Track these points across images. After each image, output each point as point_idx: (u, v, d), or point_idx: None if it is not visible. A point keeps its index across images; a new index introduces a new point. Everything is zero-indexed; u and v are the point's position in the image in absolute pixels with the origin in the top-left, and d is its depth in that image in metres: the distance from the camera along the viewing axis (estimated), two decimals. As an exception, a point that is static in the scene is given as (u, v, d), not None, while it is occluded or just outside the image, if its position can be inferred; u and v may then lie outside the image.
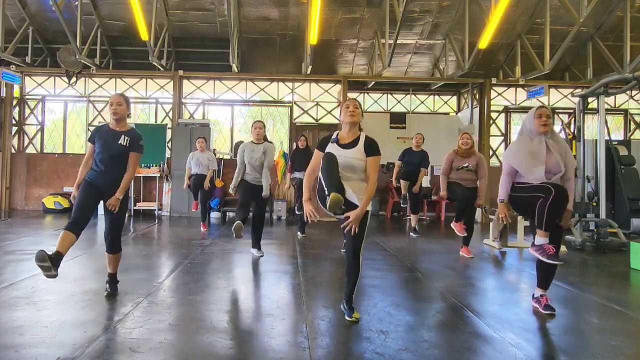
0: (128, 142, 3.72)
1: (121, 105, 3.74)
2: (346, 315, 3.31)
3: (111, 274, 3.87)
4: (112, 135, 3.72)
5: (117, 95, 3.80)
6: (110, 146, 3.68)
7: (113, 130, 3.75)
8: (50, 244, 6.15)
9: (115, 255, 3.84)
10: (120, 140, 3.70)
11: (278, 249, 6.60)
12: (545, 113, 3.47)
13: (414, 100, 12.11)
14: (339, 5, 9.39)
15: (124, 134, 3.74)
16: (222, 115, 12.13)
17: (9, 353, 2.59)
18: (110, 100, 3.76)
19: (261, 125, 5.62)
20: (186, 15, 9.91)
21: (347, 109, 3.34)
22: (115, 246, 3.80)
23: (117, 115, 3.72)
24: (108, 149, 3.67)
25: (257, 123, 5.65)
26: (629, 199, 8.28)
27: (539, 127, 3.43)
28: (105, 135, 3.74)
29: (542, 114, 3.45)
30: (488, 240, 6.92)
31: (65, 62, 10.32)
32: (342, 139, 3.35)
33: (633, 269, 5.35)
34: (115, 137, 3.71)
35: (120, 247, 3.85)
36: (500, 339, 3.02)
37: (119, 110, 3.72)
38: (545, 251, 3.37)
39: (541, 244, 3.41)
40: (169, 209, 10.44)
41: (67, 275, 3.72)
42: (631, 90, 9.24)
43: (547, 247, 3.38)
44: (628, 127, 11.91)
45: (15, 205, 11.03)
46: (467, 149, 5.87)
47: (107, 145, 3.68)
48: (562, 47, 8.72)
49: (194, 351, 2.72)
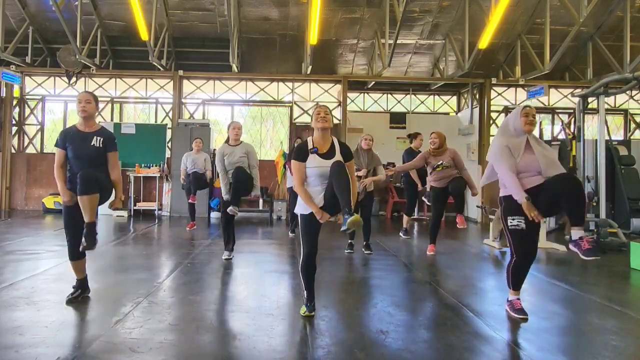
0: (101, 142, 3.54)
1: (90, 103, 3.58)
2: (347, 218, 3.00)
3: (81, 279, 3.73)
4: (82, 137, 3.54)
5: (85, 93, 3.66)
6: (82, 149, 3.50)
7: (82, 132, 3.57)
8: (51, 244, 6.17)
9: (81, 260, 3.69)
10: (92, 141, 3.53)
11: (278, 249, 6.61)
12: (532, 112, 3.47)
13: (414, 100, 12.10)
14: (339, 5, 9.39)
15: (95, 134, 3.56)
16: (222, 115, 12.14)
17: (9, 353, 2.59)
18: (79, 98, 3.59)
19: (240, 125, 5.48)
20: (186, 15, 9.90)
21: (319, 115, 3.33)
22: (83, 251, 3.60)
23: (85, 113, 3.54)
24: (81, 153, 3.50)
25: (235, 123, 5.47)
26: (629, 199, 8.29)
27: (524, 125, 3.41)
28: (74, 138, 3.55)
29: (528, 113, 3.44)
30: (488, 240, 6.92)
31: (65, 62, 10.32)
32: (320, 148, 3.32)
33: (633, 269, 5.35)
34: (87, 139, 3.53)
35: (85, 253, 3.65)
36: (500, 339, 3.02)
37: (87, 107, 3.55)
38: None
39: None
40: (169, 209, 10.44)
41: (67, 275, 3.72)
42: (631, 90, 9.24)
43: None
44: (628, 127, 11.90)
45: (15, 205, 11.02)
46: (435, 148, 5.85)
47: (79, 148, 3.51)
48: (562, 47, 8.72)
49: (194, 351, 2.72)
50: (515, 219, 3.34)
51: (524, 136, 3.45)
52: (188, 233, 7.69)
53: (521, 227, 3.33)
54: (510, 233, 3.40)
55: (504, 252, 6.34)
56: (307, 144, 3.36)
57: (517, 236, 3.37)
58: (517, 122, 3.47)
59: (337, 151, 3.34)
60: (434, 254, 5.98)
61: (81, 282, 3.69)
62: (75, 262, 3.64)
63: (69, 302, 3.53)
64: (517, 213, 3.32)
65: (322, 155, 3.31)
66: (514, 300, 3.51)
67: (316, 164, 3.28)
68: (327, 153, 3.32)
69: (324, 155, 3.31)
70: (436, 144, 5.85)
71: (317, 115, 3.34)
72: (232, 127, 5.43)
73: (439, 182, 5.85)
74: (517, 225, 3.34)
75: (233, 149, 5.37)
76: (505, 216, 3.41)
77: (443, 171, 5.80)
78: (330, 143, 3.37)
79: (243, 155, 5.33)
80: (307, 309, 3.38)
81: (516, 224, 3.35)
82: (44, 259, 5.28)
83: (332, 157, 3.29)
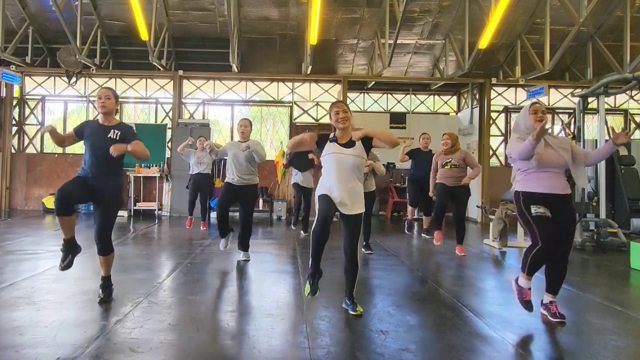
0: (119, 135, 3.57)
1: (110, 99, 3.62)
2: (350, 310, 3.43)
3: (105, 277, 3.70)
4: (102, 129, 3.60)
5: (105, 89, 3.67)
6: (100, 141, 3.53)
7: (102, 125, 3.63)
8: (50, 244, 6.16)
9: (107, 256, 3.68)
10: (109, 134, 3.57)
11: (278, 249, 6.60)
12: (540, 109, 3.43)
13: (414, 100, 12.11)
14: (339, 5, 9.39)
15: (113, 128, 3.62)
16: (222, 115, 12.15)
17: (9, 353, 2.58)
18: (99, 94, 3.63)
19: (247, 123, 5.32)
20: (186, 15, 9.91)
21: (337, 115, 3.38)
22: (108, 247, 3.65)
23: (105, 109, 3.59)
24: (99, 144, 3.53)
25: (243, 121, 5.36)
26: (629, 199, 8.29)
27: (534, 122, 3.37)
28: (94, 130, 3.62)
29: (537, 110, 3.41)
30: (488, 240, 6.92)
31: (65, 62, 10.32)
32: (340, 139, 3.43)
33: (633, 269, 5.35)
34: (105, 132, 3.58)
35: (112, 248, 3.70)
36: (500, 339, 3.02)
37: (107, 104, 3.60)
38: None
39: None
40: (169, 209, 10.44)
41: (67, 275, 3.72)
42: (631, 90, 9.23)
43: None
44: (628, 127, 11.90)
45: (15, 205, 11.02)
46: (448, 148, 5.97)
47: (98, 140, 3.55)
48: (562, 47, 8.72)
49: (194, 351, 2.72)
50: (540, 207, 3.32)
51: None
52: (188, 233, 7.69)
53: (547, 214, 3.31)
54: (535, 221, 3.34)
55: (504, 252, 6.35)
56: (329, 135, 3.47)
57: (542, 222, 3.32)
58: (527, 120, 3.44)
59: (359, 142, 3.40)
60: (441, 243, 5.99)
61: (68, 243, 3.51)
62: (62, 217, 3.41)
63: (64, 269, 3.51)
64: (538, 202, 3.33)
65: (342, 144, 3.40)
66: (525, 289, 3.43)
67: (334, 150, 3.38)
68: (347, 143, 3.41)
69: (344, 144, 3.40)
70: (448, 144, 5.97)
71: (336, 115, 3.40)
72: (240, 125, 5.32)
73: (446, 180, 5.92)
74: (543, 212, 3.31)
75: (240, 144, 5.22)
76: (527, 206, 3.37)
77: (451, 170, 5.89)
78: (350, 137, 3.43)
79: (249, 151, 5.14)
80: (310, 288, 3.34)
81: (542, 212, 3.31)
82: (44, 259, 5.27)
83: (352, 147, 3.38)
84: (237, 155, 5.22)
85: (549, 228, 3.31)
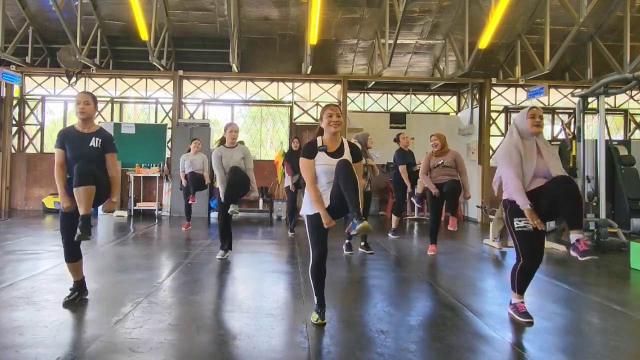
0: (100, 143, 3.50)
1: (89, 105, 3.51)
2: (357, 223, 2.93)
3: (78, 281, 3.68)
4: (81, 138, 3.50)
5: (84, 94, 3.58)
6: (81, 150, 3.46)
7: (81, 133, 3.52)
8: (50, 244, 6.16)
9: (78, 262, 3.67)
10: (90, 142, 3.49)
11: (278, 249, 6.60)
12: (538, 113, 3.38)
13: (414, 100, 12.10)
14: (339, 5, 9.39)
15: (93, 135, 3.52)
16: (222, 115, 12.14)
17: (9, 353, 2.58)
18: (78, 99, 3.51)
19: (237, 128, 5.47)
20: (186, 15, 9.90)
21: (330, 117, 3.21)
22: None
23: (84, 115, 3.49)
24: (80, 154, 3.44)
25: (233, 126, 5.45)
26: (629, 199, 8.29)
27: (531, 127, 3.33)
28: (73, 139, 3.50)
29: (535, 114, 3.35)
30: (488, 240, 6.92)
31: (65, 62, 10.31)
32: (329, 147, 3.24)
33: (633, 269, 5.35)
34: (85, 140, 3.49)
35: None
36: (500, 339, 3.02)
37: (86, 109, 3.49)
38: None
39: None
40: (169, 209, 10.44)
41: (67, 275, 3.72)
42: (631, 90, 9.24)
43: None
44: (628, 127, 11.90)
45: (15, 205, 11.02)
46: (437, 150, 5.85)
47: (78, 149, 3.46)
48: (562, 47, 8.72)
49: (194, 351, 2.72)
50: (522, 221, 3.28)
51: (532, 138, 3.37)
52: (187, 233, 7.69)
53: (528, 228, 3.26)
54: (517, 235, 3.34)
55: (504, 252, 6.34)
56: (317, 142, 3.26)
57: (524, 238, 3.32)
58: (524, 124, 3.38)
59: (347, 151, 3.25)
60: (434, 254, 5.98)
61: (78, 284, 3.66)
62: (72, 264, 3.62)
63: (66, 305, 3.52)
64: (523, 215, 3.26)
65: (331, 154, 3.22)
66: (517, 303, 3.43)
67: (324, 161, 3.18)
68: (336, 152, 3.23)
69: (333, 154, 3.21)
70: (438, 145, 5.84)
71: (329, 118, 3.21)
72: (230, 130, 5.40)
73: (440, 178, 5.80)
74: (524, 227, 3.28)
75: (231, 151, 5.39)
76: (512, 218, 3.34)
77: (442, 169, 5.79)
78: (340, 143, 3.28)
79: (241, 159, 5.37)
80: (318, 316, 3.21)
81: (523, 226, 3.28)
82: (44, 259, 5.27)
83: (341, 157, 3.18)
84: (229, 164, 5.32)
85: (531, 244, 3.31)
